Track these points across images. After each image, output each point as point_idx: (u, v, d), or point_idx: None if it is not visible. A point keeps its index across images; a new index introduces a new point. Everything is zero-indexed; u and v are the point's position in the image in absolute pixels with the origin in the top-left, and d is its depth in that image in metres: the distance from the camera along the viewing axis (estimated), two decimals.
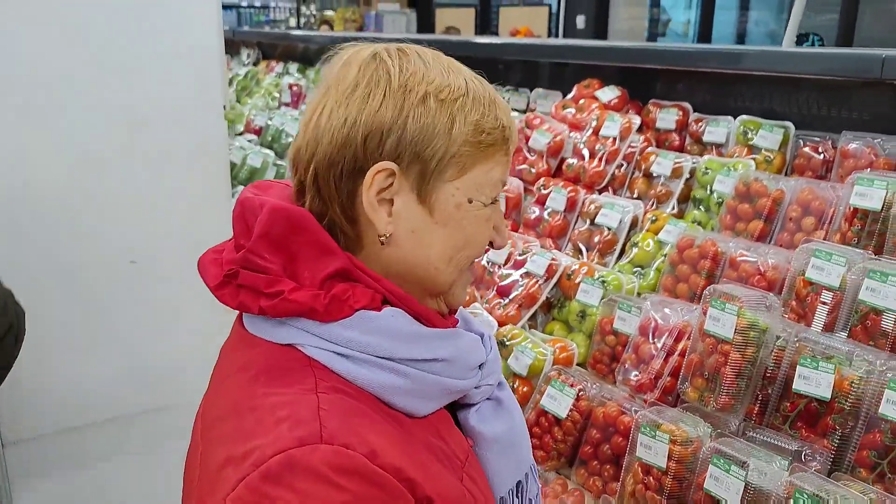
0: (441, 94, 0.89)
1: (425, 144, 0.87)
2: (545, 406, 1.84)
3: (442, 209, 0.90)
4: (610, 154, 2.46)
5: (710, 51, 2.48)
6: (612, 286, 2.06)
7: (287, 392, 0.82)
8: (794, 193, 1.99)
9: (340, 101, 0.87)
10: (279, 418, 0.79)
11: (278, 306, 0.84)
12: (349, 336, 0.85)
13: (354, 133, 0.86)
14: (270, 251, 0.85)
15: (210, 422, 0.89)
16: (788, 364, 1.54)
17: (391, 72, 0.88)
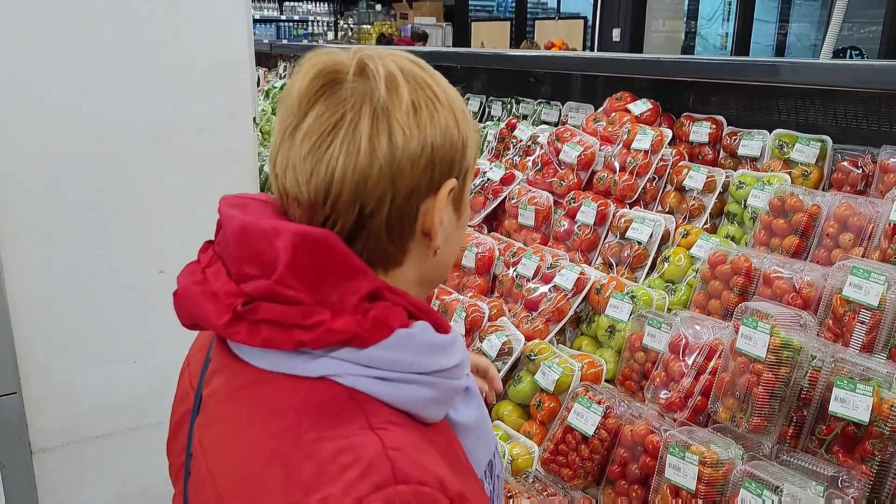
0: (465, 109, 0.88)
1: (469, 159, 0.88)
2: (572, 423, 1.81)
3: (464, 212, 0.93)
4: (641, 167, 2.43)
5: (743, 63, 2.44)
6: (642, 301, 2.02)
7: (341, 434, 0.76)
8: (832, 209, 1.93)
9: (407, 123, 0.81)
10: (343, 465, 0.73)
11: (321, 338, 0.77)
12: (392, 357, 0.80)
13: (433, 157, 0.82)
14: (297, 281, 0.77)
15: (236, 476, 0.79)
16: (824, 385, 1.49)
17: (434, 88, 0.85)
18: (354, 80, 0.82)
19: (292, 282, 0.77)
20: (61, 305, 1.83)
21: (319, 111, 0.81)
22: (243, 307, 0.78)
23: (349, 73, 0.82)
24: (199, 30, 1.87)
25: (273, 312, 0.77)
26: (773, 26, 16.07)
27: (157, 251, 1.91)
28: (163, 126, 1.86)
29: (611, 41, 10.05)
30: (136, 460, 1.99)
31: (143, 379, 1.96)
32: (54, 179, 1.77)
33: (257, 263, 0.79)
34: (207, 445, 0.86)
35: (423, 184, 0.82)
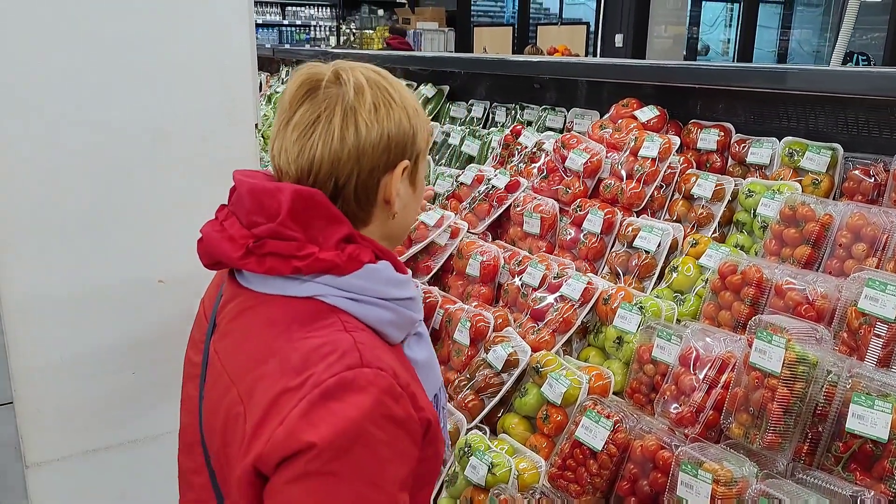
0: (417, 107, 1.17)
1: (420, 145, 1.17)
2: (580, 437, 1.77)
3: (418, 186, 1.22)
4: (649, 175, 2.39)
5: (752, 69, 2.41)
6: (651, 312, 1.98)
7: (322, 334, 1.03)
8: (844, 218, 1.90)
9: (369, 118, 1.10)
10: (324, 353, 1.00)
11: (312, 265, 1.06)
12: (360, 284, 1.09)
13: (389, 143, 1.11)
14: (294, 224, 1.06)
15: (244, 367, 1.07)
16: (841, 401, 1.45)
17: (391, 91, 1.13)
18: (330, 86, 1.11)
19: (291, 224, 1.05)
20: (58, 315, 1.79)
21: (304, 109, 1.10)
22: (254, 244, 1.06)
23: (326, 81, 1.11)
24: (200, 34, 1.84)
25: (276, 247, 1.06)
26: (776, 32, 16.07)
27: (157, 260, 1.88)
28: (163, 131, 1.83)
29: (613, 47, 10.04)
30: (134, 474, 1.95)
31: (140, 391, 1.93)
32: (52, 186, 1.73)
33: (264, 213, 1.07)
34: (221, 350, 1.14)
35: (381, 163, 1.12)
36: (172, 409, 1.89)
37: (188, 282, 1.91)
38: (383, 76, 1.15)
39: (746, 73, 2.40)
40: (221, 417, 1.08)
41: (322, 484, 0.96)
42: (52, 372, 1.80)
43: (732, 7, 16.17)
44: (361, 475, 0.98)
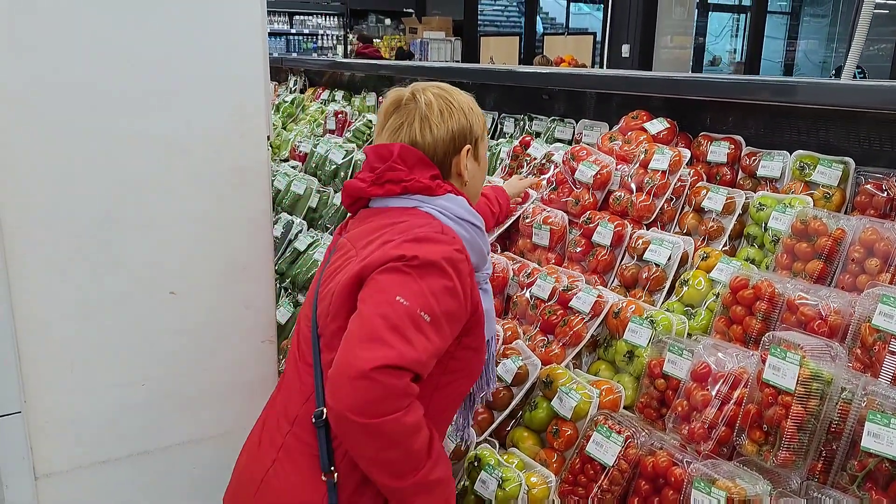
0: (471, 104, 1.68)
1: (476, 132, 1.66)
2: (591, 453, 1.76)
3: (481, 161, 1.72)
4: (659, 188, 2.39)
5: (763, 83, 2.40)
6: (662, 326, 1.97)
7: (420, 220, 1.52)
8: (857, 233, 1.89)
9: (437, 121, 1.61)
10: (419, 225, 1.50)
11: (414, 185, 1.56)
12: (445, 204, 1.57)
13: (452, 136, 1.62)
14: (402, 163, 1.57)
15: (361, 237, 1.55)
16: (855, 419, 1.44)
17: (451, 101, 1.64)
18: (409, 102, 1.64)
19: (399, 162, 1.57)
20: (70, 326, 1.79)
21: (393, 119, 1.64)
22: (376, 177, 1.59)
23: (406, 98, 1.64)
24: (214, 47, 1.84)
25: (390, 176, 1.57)
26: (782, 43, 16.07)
27: (169, 271, 1.88)
28: (177, 144, 1.83)
29: (620, 57, 10.04)
30: (144, 486, 1.95)
31: (151, 403, 1.92)
32: (65, 198, 1.74)
33: (381, 160, 1.59)
34: (350, 237, 1.61)
35: (450, 149, 1.62)
36: (182, 421, 1.89)
37: (200, 294, 1.92)
38: (445, 90, 1.66)
39: (757, 87, 2.40)
40: (336, 267, 1.55)
41: (401, 276, 1.40)
42: (62, 382, 1.80)
43: (739, 17, 16.18)
44: (427, 284, 1.40)
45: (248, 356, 2.01)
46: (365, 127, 4.09)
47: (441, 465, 1.46)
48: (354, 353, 1.32)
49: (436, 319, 1.39)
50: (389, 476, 1.39)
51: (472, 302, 1.51)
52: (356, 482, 1.46)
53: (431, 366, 1.41)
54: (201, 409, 1.95)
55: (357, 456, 1.40)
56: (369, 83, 4.97)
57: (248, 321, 1.98)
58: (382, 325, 1.34)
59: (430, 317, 1.38)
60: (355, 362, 1.31)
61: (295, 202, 3.56)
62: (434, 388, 1.52)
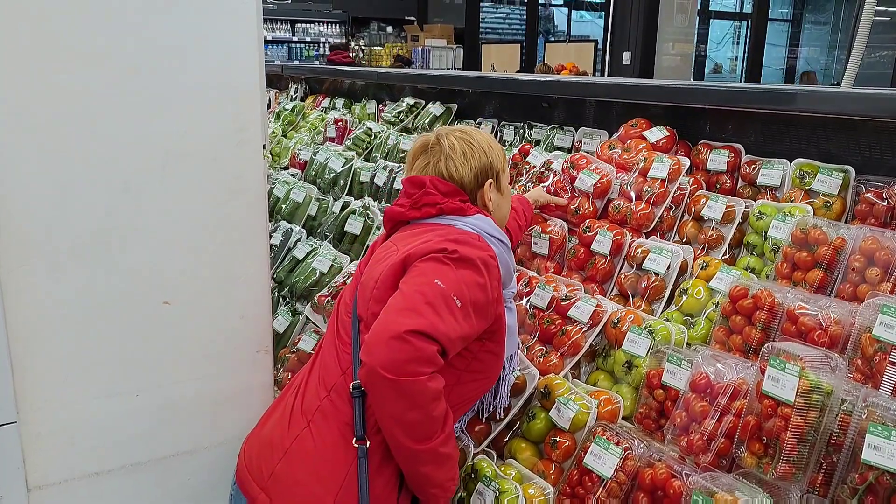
0: (491, 143, 1.90)
1: (496, 167, 1.89)
2: (589, 465, 1.74)
3: (504, 191, 1.93)
4: (658, 196, 2.37)
5: (763, 91, 2.39)
6: (661, 336, 1.96)
7: (459, 229, 1.74)
8: (857, 242, 1.87)
9: (461, 161, 1.84)
10: (458, 231, 1.73)
11: (449, 207, 1.78)
12: (475, 222, 1.77)
13: (475, 174, 1.85)
14: (435, 190, 1.79)
15: (403, 238, 1.76)
16: (856, 431, 1.42)
17: (472, 142, 1.86)
18: (434, 146, 1.87)
19: (433, 189, 1.79)
20: (64, 336, 1.78)
21: (420, 160, 1.88)
22: (413, 202, 1.81)
23: (432, 142, 1.88)
24: (210, 56, 1.84)
25: (426, 200, 1.79)
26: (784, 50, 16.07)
27: (164, 281, 1.87)
28: (173, 152, 1.83)
29: (621, 65, 10.04)
30: (139, 498, 1.93)
31: (145, 413, 1.91)
32: (60, 207, 1.73)
33: (417, 188, 1.81)
34: (393, 240, 1.81)
35: (474, 185, 1.85)
36: (177, 432, 1.88)
37: (194, 303, 1.91)
38: (466, 132, 1.89)
39: (757, 95, 2.39)
40: (379, 259, 1.76)
41: (440, 265, 1.60)
42: (55, 393, 1.79)
43: (740, 25, 16.19)
44: (462, 275, 1.60)
45: (244, 366, 2.00)
46: (365, 135, 4.08)
47: (452, 443, 1.64)
48: (391, 318, 1.51)
49: (465, 306, 1.58)
50: (408, 437, 1.54)
51: (497, 305, 1.71)
52: (384, 452, 1.62)
53: (458, 347, 1.60)
54: (196, 420, 1.93)
55: (382, 416, 1.56)
56: (370, 91, 4.96)
57: (244, 331, 1.97)
58: (420, 299, 1.53)
59: (461, 302, 1.57)
60: (391, 325, 1.49)
61: (294, 210, 3.55)
62: (456, 383, 1.71)
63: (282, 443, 1.66)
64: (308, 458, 1.62)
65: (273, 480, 1.62)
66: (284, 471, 1.62)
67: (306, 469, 1.62)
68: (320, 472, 1.61)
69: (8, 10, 1.62)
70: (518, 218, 2.40)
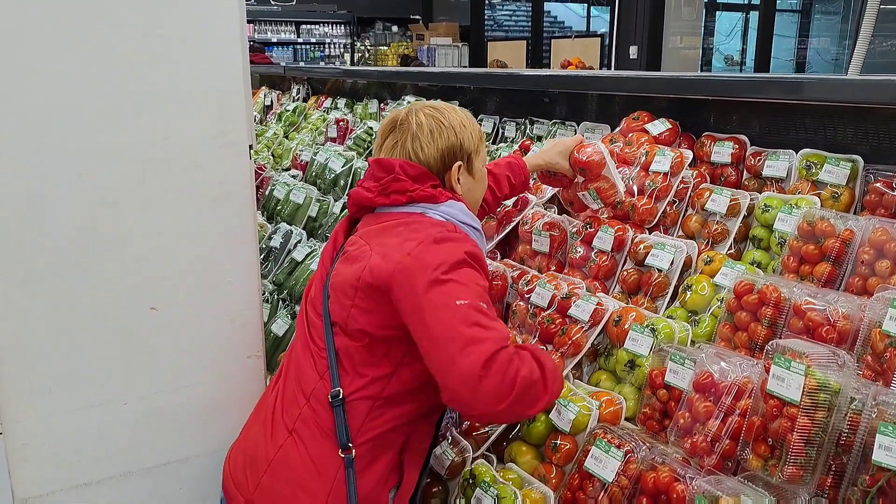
0: (463, 122, 1.78)
1: (469, 147, 1.78)
2: (590, 468, 1.69)
3: (477, 175, 1.84)
4: (661, 190, 2.31)
5: (767, 80, 2.33)
6: (664, 335, 1.90)
7: (432, 222, 1.67)
8: (866, 233, 1.81)
9: (427, 141, 1.73)
10: (434, 224, 1.66)
11: (419, 195, 1.69)
12: (446, 209, 1.71)
13: (441, 154, 1.74)
14: (405, 175, 1.70)
15: (374, 234, 1.69)
16: (866, 431, 1.36)
17: (441, 120, 1.75)
18: (403, 123, 1.77)
19: (403, 175, 1.70)
20: (46, 347, 1.74)
21: (390, 139, 1.78)
22: (382, 187, 1.71)
23: (401, 119, 1.78)
24: (191, 60, 1.80)
25: (395, 187, 1.70)
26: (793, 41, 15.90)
27: (148, 288, 1.83)
28: (155, 158, 1.79)
29: (628, 59, 9.95)
30: None
31: (133, 422, 1.87)
32: (37, 215, 1.69)
33: (385, 172, 1.72)
34: (361, 234, 1.73)
35: (440, 166, 1.75)
36: (166, 440, 1.84)
37: (181, 309, 1.87)
38: (437, 109, 1.78)
39: (761, 84, 2.32)
40: (349, 257, 1.68)
41: (445, 287, 1.52)
42: (40, 403, 1.75)
43: (748, 17, 16.04)
44: (466, 280, 1.55)
45: (234, 372, 1.96)
46: (366, 134, 4.04)
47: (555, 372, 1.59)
48: (459, 368, 1.46)
49: (488, 303, 1.57)
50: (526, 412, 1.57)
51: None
52: (370, 454, 1.63)
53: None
54: (186, 428, 1.89)
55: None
56: (371, 90, 4.92)
57: (233, 336, 1.92)
58: (463, 330, 1.48)
59: (485, 304, 1.55)
60: (468, 371, 1.45)
61: (294, 212, 3.51)
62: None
63: (266, 454, 1.63)
64: (293, 470, 1.59)
65: (259, 493, 1.60)
66: (270, 483, 1.60)
67: (292, 481, 1.59)
68: (306, 484, 1.58)
69: None
70: (496, 185, 2.26)
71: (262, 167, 4.09)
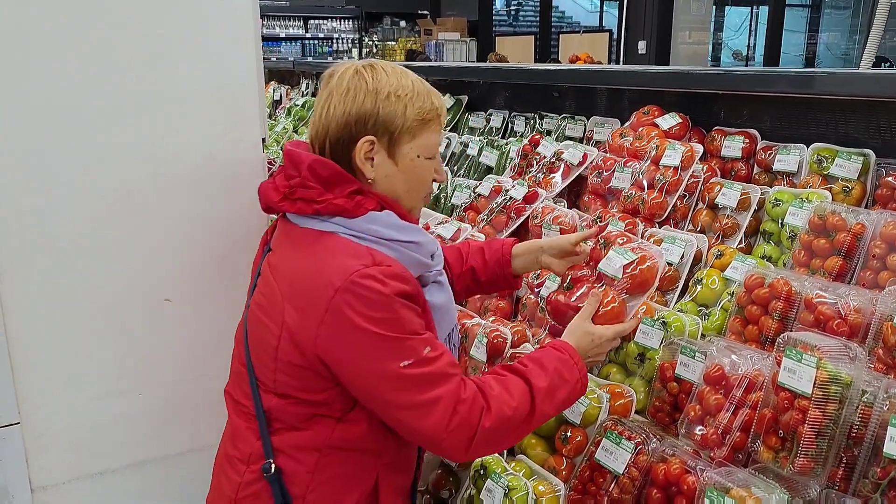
0: (398, 92, 1.42)
1: (390, 123, 1.42)
2: (600, 460, 1.70)
3: (402, 162, 1.47)
4: (671, 184, 2.32)
5: (778, 74, 2.32)
6: (674, 328, 1.90)
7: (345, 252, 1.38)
8: (877, 227, 1.81)
9: (339, 100, 1.41)
10: (350, 255, 1.37)
11: (327, 208, 1.40)
12: (365, 226, 1.41)
13: (349, 119, 1.41)
14: (314, 180, 1.41)
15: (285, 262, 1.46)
16: (877, 423, 1.37)
17: (367, 80, 1.42)
18: (332, 76, 1.46)
19: (311, 179, 1.41)
20: (63, 337, 1.77)
21: (320, 94, 1.47)
22: (288, 191, 1.43)
23: (331, 73, 1.47)
24: (204, 53, 1.81)
25: (302, 194, 1.42)
26: (803, 36, 15.82)
27: (163, 278, 1.84)
28: (168, 151, 1.81)
29: (636, 54, 9.94)
30: (143, 497, 1.92)
31: (148, 412, 1.89)
32: (54, 209, 1.71)
33: (296, 171, 1.43)
34: (272, 264, 1.49)
35: (345, 136, 1.43)
36: (181, 430, 1.86)
37: (195, 300, 1.89)
38: (375, 68, 1.44)
39: (772, 78, 2.32)
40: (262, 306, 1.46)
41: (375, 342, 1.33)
42: (58, 393, 1.77)
43: (758, 11, 15.96)
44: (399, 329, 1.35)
45: None
46: None
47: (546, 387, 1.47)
48: (420, 437, 1.39)
49: (429, 340, 1.39)
50: (527, 425, 1.48)
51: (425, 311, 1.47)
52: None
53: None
54: (200, 418, 1.91)
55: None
56: None
57: None
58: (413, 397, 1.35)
59: (429, 347, 1.37)
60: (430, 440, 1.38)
61: None
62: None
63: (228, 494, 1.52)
64: None
65: None
66: None
67: None
68: None
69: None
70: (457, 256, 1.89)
71: (272, 161, 4.11)
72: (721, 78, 2.52)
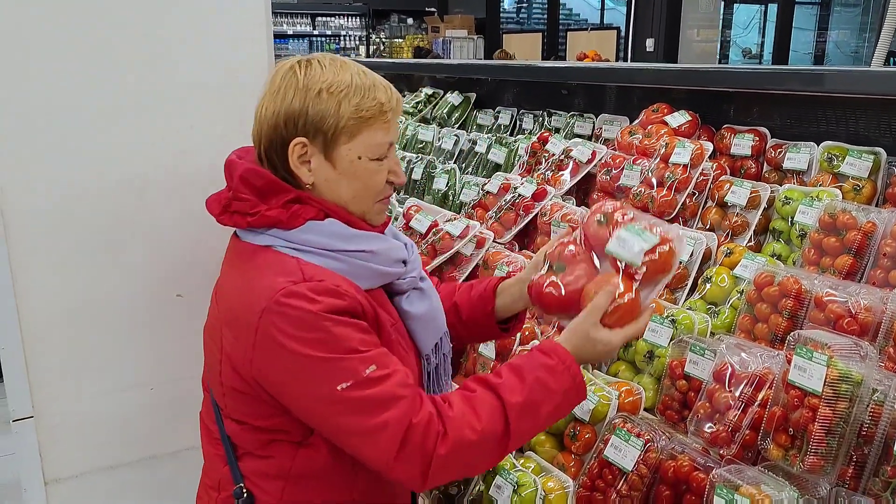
0: (331, 88, 1.29)
1: (321, 122, 1.30)
2: (609, 457, 1.70)
3: (341, 164, 1.34)
4: (680, 182, 2.31)
5: (788, 72, 2.32)
6: (683, 326, 1.90)
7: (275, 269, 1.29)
8: (888, 226, 1.81)
9: (270, 100, 1.32)
10: (279, 272, 1.28)
11: (259, 220, 1.32)
12: (304, 237, 1.32)
13: (278, 121, 1.31)
14: (247, 191, 1.33)
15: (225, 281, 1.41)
16: (888, 422, 1.37)
17: (298, 77, 1.31)
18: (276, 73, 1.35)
19: (244, 190, 1.33)
20: (76, 332, 1.78)
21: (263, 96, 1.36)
22: (225, 204, 1.36)
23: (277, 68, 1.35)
24: (217, 48, 1.83)
25: (236, 206, 1.34)
26: (812, 34, 15.74)
27: (175, 275, 1.86)
28: (181, 148, 1.82)
29: (644, 52, 9.91)
30: (154, 491, 1.94)
31: (160, 407, 1.91)
32: (68, 204, 1.73)
33: (229, 176, 1.37)
34: (218, 283, 1.44)
35: (276, 138, 1.32)
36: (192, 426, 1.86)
37: (207, 296, 1.89)
38: (311, 63, 1.33)
39: (782, 76, 2.32)
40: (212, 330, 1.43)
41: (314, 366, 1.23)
42: (71, 387, 1.79)
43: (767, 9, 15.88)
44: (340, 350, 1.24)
45: None
46: None
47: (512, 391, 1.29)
48: (371, 463, 1.26)
49: (374, 358, 1.25)
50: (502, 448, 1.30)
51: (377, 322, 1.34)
52: None
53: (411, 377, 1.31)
54: None
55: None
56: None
57: None
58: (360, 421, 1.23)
59: (374, 365, 1.24)
60: (383, 465, 1.24)
61: None
62: None
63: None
64: None
65: None
66: None
67: None
68: None
69: (7, 10, 1.61)
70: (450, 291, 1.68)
71: None
72: (731, 76, 2.51)
